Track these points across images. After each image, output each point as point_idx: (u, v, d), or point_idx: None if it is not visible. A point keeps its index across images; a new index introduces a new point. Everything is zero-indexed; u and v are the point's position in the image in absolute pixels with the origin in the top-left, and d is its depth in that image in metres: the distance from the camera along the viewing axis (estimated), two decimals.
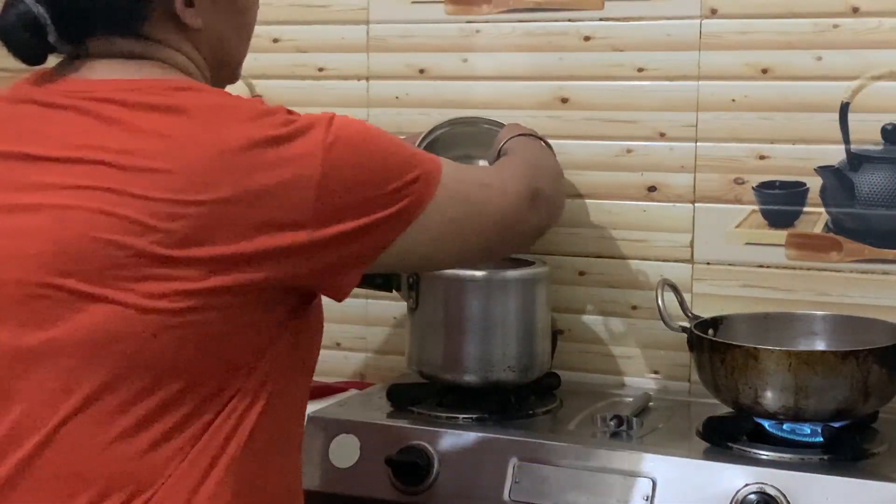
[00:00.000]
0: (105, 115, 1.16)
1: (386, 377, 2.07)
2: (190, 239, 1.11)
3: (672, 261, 1.94)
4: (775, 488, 1.48)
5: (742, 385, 1.60)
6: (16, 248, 1.15)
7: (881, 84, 1.81)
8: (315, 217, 1.16)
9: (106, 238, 1.11)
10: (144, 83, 1.19)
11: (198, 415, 1.16)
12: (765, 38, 1.86)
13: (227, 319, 1.16)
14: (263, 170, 1.13)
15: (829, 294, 1.86)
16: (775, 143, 1.88)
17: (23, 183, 1.17)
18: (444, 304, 1.80)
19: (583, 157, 1.98)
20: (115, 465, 1.14)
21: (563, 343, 1.98)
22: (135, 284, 1.11)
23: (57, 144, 1.17)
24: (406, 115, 2.07)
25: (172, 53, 1.24)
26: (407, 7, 2.08)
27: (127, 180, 1.12)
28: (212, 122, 1.15)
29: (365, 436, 1.71)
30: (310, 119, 1.19)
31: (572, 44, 1.98)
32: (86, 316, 1.12)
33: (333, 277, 1.22)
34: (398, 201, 1.21)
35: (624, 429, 1.68)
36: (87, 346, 1.13)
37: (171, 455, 1.15)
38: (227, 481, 1.17)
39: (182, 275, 1.12)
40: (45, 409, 1.14)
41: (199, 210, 1.11)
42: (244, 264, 1.14)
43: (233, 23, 1.31)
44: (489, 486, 1.62)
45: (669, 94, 1.92)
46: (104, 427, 1.13)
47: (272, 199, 1.14)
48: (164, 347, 1.13)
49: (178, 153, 1.13)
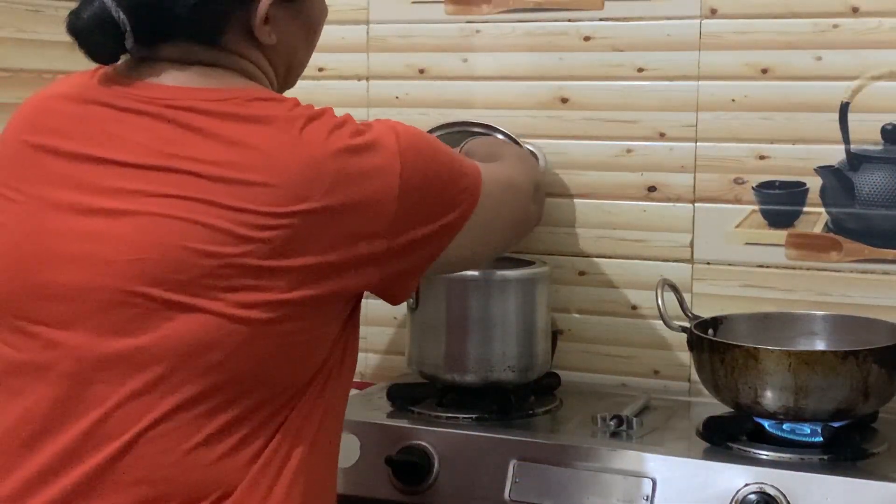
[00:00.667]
0: (191, 124, 1.16)
1: (386, 377, 2.07)
2: (281, 250, 1.13)
3: (672, 261, 1.94)
4: (775, 488, 1.48)
5: (742, 385, 1.60)
6: (100, 254, 1.14)
7: (881, 84, 1.81)
8: (392, 226, 1.19)
9: (199, 248, 1.12)
10: (226, 93, 1.19)
11: (272, 420, 1.18)
12: (765, 38, 1.86)
13: (308, 329, 1.18)
14: (349, 180, 1.16)
15: (829, 294, 1.86)
16: (775, 143, 1.88)
17: (100, 186, 1.16)
18: (444, 304, 1.80)
19: (583, 157, 1.98)
20: (195, 472, 1.14)
21: (563, 343, 1.98)
22: (226, 294, 1.12)
23: (138, 151, 1.16)
24: (406, 115, 2.07)
25: (246, 64, 1.25)
26: (407, 7, 2.08)
27: (218, 191, 1.13)
28: (297, 133, 1.16)
29: (365, 436, 1.71)
30: (379, 128, 1.21)
31: (572, 44, 1.98)
32: (176, 325, 1.13)
33: (398, 284, 1.26)
34: (456, 207, 1.25)
35: (624, 429, 1.68)
36: (177, 354, 1.13)
37: (247, 460, 1.16)
38: (296, 484, 1.19)
39: (272, 285, 1.13)
40: (127, 416, 1.14)
41: (290, 221, 1.13)
42: (329, 275, 1.16)
43: (304, 38, 1.33)
44: (489, 486, 1.62)
45: (669, 94, 1.92)
46: (187, 435, 1.14)
47: (357, 209, 1.16)
48: (251, 357, 1.14)
49: (269, 164, 1.14)
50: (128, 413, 1.14)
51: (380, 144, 1.19)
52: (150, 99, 1.19)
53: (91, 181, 1.17)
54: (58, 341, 1.16)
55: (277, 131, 1.16)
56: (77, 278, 1.15)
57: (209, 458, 1.15)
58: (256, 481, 1.16)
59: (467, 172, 1.28)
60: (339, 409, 1.29)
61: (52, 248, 1.17)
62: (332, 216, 1.15)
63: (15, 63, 1.84)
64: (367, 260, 1.18)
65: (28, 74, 1.82)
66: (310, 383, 1.21)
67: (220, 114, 1.17)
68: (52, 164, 1.20)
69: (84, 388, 1.15)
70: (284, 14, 1.26)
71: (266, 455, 1.17)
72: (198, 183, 1.13)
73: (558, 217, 1.99)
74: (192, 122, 1.16)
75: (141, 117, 1.18)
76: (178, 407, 1.14)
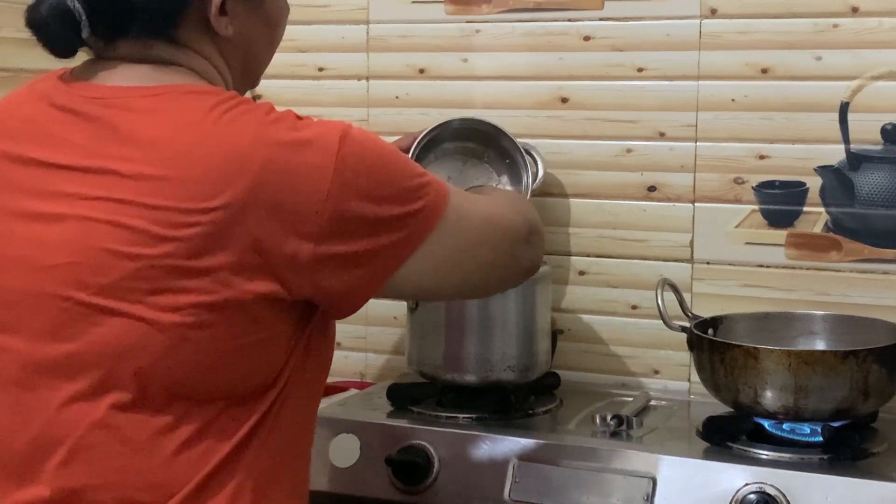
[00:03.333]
0: (116, 122, 1.15)
1: (386, 377, 2.07)
2: (201, 248, 1.10)
3: (672, 260, 1.94)
4: (775, 488, 1.48)
5: (742, 385, 1.60)
6: (36, 258, 1.14)
7: (881, 84, 1.81)
8: (320, 232, 1.13)
9: (120, 250, 1.10)
10: (160, 88, 1.18)
11: (218, 424, 1.16)
12: (765, 38, 1.86)
13: (242, 333, 1.14)
14: (275, 176, 1.11)
15: (829, 294, 1.86)
16: (775, 143, 1.88)
17: (43, 190, 1.16)
18: (444, 304, 1.80)
19: (583, 157, 1.98)
20: (139, 476, 1.14)
21: (563, 343, 1.98)
22: (149, 297, 1.10)
23: (75, 152, 1.15)
24: (406, 115, 2.07)
25: (199, 60, 1.23)
26: (407, 7, 2.08)
27: (138, 189, 1.11)
28: (221, 126, 1.13)
29: (365, 436, 1.71)
30: (322, 127, 1.16)
31: (572, 44, 1.98)
32: (104, 330, 1.11)
33: (339, 298, 1.20)
34: (402, 228, 1.18)
35: (624, 429, 1.68)
36: (108, 359, 1.12)
37: (193, 464, 1.15)
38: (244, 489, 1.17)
39: (194, 286, 1.10)
40: (69, 420, 1.13)
41: (209, 217, 1.09)
42: (251, 276, 1.12)
43: (262, 33, 1.30)
44: (489, 486, 1.62)
45: (669, 94, 1.92)
46: (127, 438, 1.13)
47: (281, 208, 1.11)
48: (182, 361, 1.12)
49: (186, 159, 1.11)
50: (68, 418, 1.13)
51: (317, 144, 1.14)
52: (91, 99, 1.18)
53: (35, 185, 1.16)
54: (2, 346, 1.16)
55: (198, 123, 1.13)
56: (17, 283, 1.15)
57: (153, 462, 1.13)
58: (205, 484, 1.15)
59: (424, 195, 1.20)
60: (304, 417, 1.26)
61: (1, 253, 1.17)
62: (254, 212, 1.10)
63: (15, 63, 1.84)
64: (293, 264, 1.13)
65: (28, 74, 1.81)
66: (264, 389, 1.18)
67: (147, 110, 1.15)
68: (6, 171, 1.19)
69: (29, 394, 1.15)
70: (243, 7, 1.25)
71: (216, 459, 1.15)
72: (121, 183, 1.11)
73: (558, 217, 1.99)
74: (120, 121, 1.15)
75: (78, 117, 1.17)
76: (113, 411, 1.12)
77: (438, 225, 1.21)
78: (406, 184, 1.19)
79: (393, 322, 2.10)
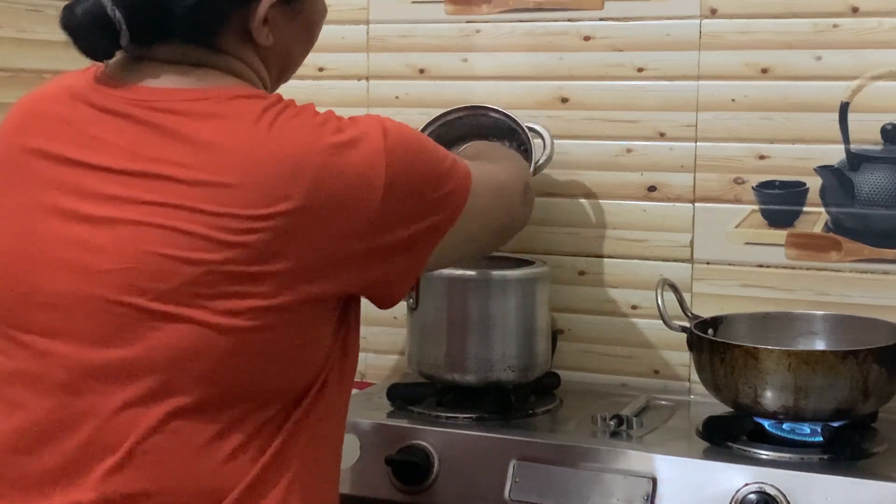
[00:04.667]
0: (168, 126, 1.14)
1: (386, 377, 2.07)
2: (262, 254, 1.10)
3: (672, 260, 1.94)
4: (775, 488, 1.48)
5: (742, 385, 1.60)
6: (85, 262, 1.13)
7: (881, 84, 1.81)
8: (376, 226, 1.16)
9: (179, 255, 1.10)
10: (206, 92, 1.17)
11: (269, 425, 1.17)
12: (765, 38, 1.86)
13: (297, 335, 1.16)
14: (331, 178, 1.13)
15: (829, 294, 1.86)
16: (775, 143, 1.88)
17: (84, 191, 1.15)
18: (444, 304, 1.80)
19: (583, 157, 1.98)
20: (194, 480, 1.13)
21: (563, 343, 1.98)
22: (210, 302, 1.10)
23: (119, 155, 1.14)
24: (406, 115, 2.05)
25: (238, 64, 1.23)
26: (407, 7, 2.08)
27: (195, 195, 1.10)
28: (274, 132, 1.13)
29: (365, 436, 1.71)
30: (363, 125, 1.18)
31: (572, 44, 1.98)
32: (162, 335, 1.11)
33: (386, 287, 1.23)
34: (443, 209, 1.22)
35: (624, 429, 1.68)
36: (166, 365, 1.11)
37: (246, 466, 1.15)
38: (294, 489, 1.18)
39: (255, 291, 1.11)
40: (122, 427, 1.12)
41: (270, 224, 1.10)
42: (312, 277, 1.14)
43: (302, 38, 1.31)
44: (489, 486, 1.62)
45: (669, 94, 1.92)
46: (183, 444, 1.13)
47: (340, 208, 1.13)
48: (241, 364, 1.13)
49: (244, 164, 1.11)
50: (122, 424, 1.12)
51: (364, 141, 1.16)
52: (133, 101, 1.17)
53: (76, 186, 1.15)
54: (48, 351, 1.15)
55: (253, 129, 1.13)
56: (63, 287, 1.14)
57: (208, 467, 1.13)
58: (254, 487, 1.15)
59: (456, 174, 1.25)
60: (340, 412, 1.28)
61: (41, 253, 1.16)
62: (314, 215, 1.12)
63: (15, 63, 1.84)
64: (349, 261, 1.16)
65: (28, 74, 1.82)
66: (309, 387, 1.20)
67: (196, 114, 1.15)
68: (40, 168, 1.18)
69: (76, 399, 1.14)
70: (283, 15, 1.24)
71: (264, 460, 1.16)
72: (175, 188, 1.11)
73: (558, 217, 1.99)
74: (169, 125, 1.14)
75: (122, 120, 1.16)
76: (171, 416, 1.12)
77: (466, 205, 1.25)
78: (440, 167, 1.23)
79: (393, 322, 2.10)
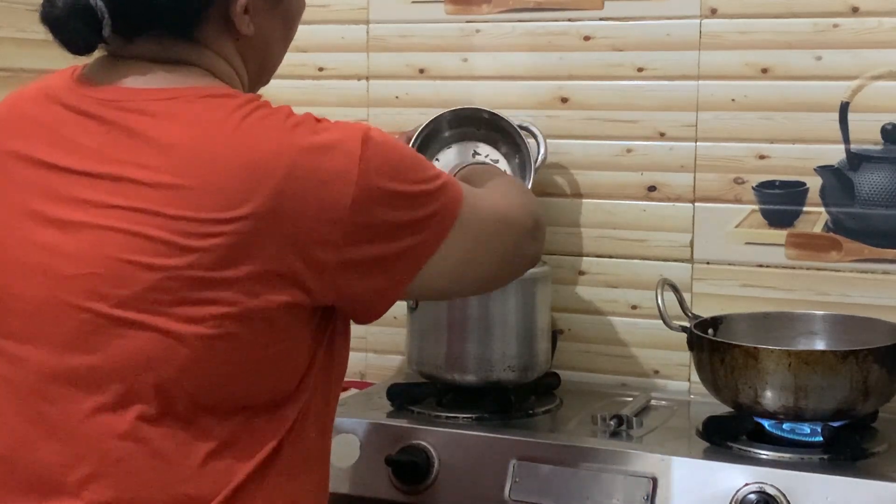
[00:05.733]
0: (134, 127, 1.12)
1: (386, 377, 2.07)
2: (226, 259, 1.07)
3: (672, 260, 1.95)
4: (775, 488, 1.48)
5: (742, 385, 1.60)
6: (53, 267, 1.11)
7: (881, 84, 1.81)
8: (344, 237, 1.11)
9: (141, 261, 1.07)
10: (176, 91, 1.14)
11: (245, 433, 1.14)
12: (765, 38, 1.86)
13: (268, 343, 1.13)
14: (297, 182, 1.09)
15: (829, 294, 1.86)
16: (775, 143, 1.88)
17: (56, 194, 1.13)
18: (444, 304, 1.80)
19: (583, 157, 1.98)
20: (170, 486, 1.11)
21: (563, 343, 1.98)
22: (171, 309, 1.08)
23: (87, 157, 1.12)
24: (406, 115, 2.07)
25: (216, 60, 1.20)
26: (407, 7, 2.08)
27: (157, 198, 1.08)
28: (241, 133, 1.10)
29: (365, 436, 1.71)
30: (343, 131, 1.14)
31: (572, 44, 1.98)
32: (126, 342, 1.09)
33: (361, 304, 1.19)
34: (423, 230, 1.17)
35: (624, 429, 1.68)
36: (131, 372, 1.10)
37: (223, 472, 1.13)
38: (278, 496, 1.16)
39: (218, 297, 1.08)
40: (92, 434, 1.11)
41: (233, 227, 1.07)
42: (277, 284, 1.10)
43: (281, 30, 1.29)
44: (489, 486, 1.62)
45: (669, 94, 1.92)
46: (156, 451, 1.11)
47: (307, 213, 1.09)
48: (206, 372, 1.10)
49: (207, 168, 1.08)
50: (93, 431, 1.11)
51: (339, 148, 1.11)
52: (104, 101, 1.15)
53: (47, 188, 1.13)
54: (20, 356, 1.14)
55: (219, 129, 1.10)
56: (34, 292, 1.13)
57: (180, 474, 1.12)
58: (236, 495, 1.13)
59: (442, 196, 1.18)
60: (326, 419, 1.25)
61: (16, 258, 1.14)
62: (279, 220, 1.08)
63: (15, 63, 1.84)
64: (318, 272, 1.11)
65: (28, 74, 1.82)
66: (290, 394, 1.17)
67: (164, 114, 1.12)
68: (17, 170, 1.16)
69: (50, 405, 1.12)
70: (263, 5, 1.22)
71: (247, 468, 1.14)
72: (138, 190, 1.08)
73: (558, 217, 1.99)
74: (137, 125, 1.12)
75: (91, 121, 1.14)
76: (139, 423, 1.10)
77: (455, 225, 1.20)
78: (425, 186, 1.18)
79: (393, 322, 2.09)
